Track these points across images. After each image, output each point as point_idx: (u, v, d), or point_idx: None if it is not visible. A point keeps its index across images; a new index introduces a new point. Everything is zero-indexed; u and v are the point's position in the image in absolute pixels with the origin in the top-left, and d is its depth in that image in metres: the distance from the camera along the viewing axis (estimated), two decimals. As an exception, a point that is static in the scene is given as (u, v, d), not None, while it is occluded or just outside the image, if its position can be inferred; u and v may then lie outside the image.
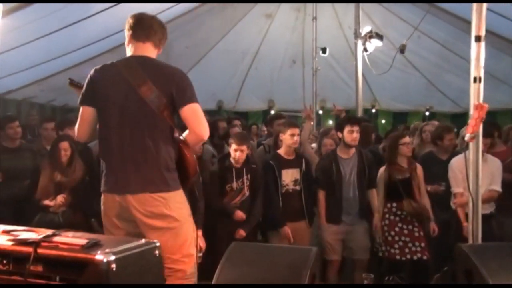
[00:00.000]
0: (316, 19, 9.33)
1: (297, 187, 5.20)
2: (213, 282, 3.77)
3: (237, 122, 7.11)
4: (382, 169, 5.32)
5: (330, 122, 11.08)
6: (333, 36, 10.13)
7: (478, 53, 4.43)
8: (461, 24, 9.18)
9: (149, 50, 3.13)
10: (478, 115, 4.37)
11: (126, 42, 3.17)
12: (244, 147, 5.06)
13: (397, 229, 5.18)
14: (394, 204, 5.23)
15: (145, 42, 3.11)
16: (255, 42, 10.46)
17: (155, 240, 2.38)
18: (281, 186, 5.15)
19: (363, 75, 10.48)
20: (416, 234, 5.18)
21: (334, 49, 9.78)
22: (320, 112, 11.34)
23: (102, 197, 3.09)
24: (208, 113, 10.27)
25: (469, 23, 4.35)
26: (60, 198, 4.96)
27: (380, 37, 7.20)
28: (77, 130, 3.15)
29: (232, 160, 5.08)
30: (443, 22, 9.25)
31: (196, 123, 3.00)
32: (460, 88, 10.90)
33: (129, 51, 3.14)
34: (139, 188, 2.96)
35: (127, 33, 3.14)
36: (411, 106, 11.57)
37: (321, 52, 9.26)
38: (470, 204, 4.54)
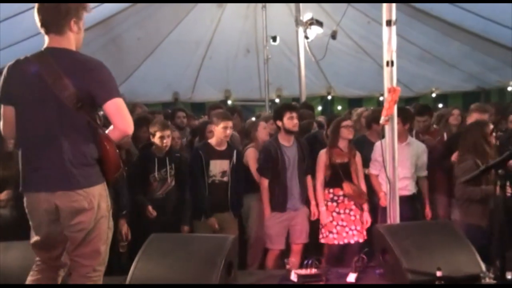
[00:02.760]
0: (265, 7, 9.39)
1: (225, 179, 5.22)
2: (129, 274, 3.83)
3: (180, 113, 7.13)
4: (322, 152, 5.37)
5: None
6: (285, 24, 10.17)
7: (389, 37, 4.54)
8: (409, 10, 9.34)
9: (65, 38, 2.93)
10: (391, 98, 4.47)
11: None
12: (168, 132, 5.09)
13: (334, 214, 5.28)
14: (331, 190, 5.32)
15: (49, 34, 2.92)
16: (208, 32, 10.45)
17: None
18: (208, 177, 5.18)
19: (317, 62, 10.68)
20: (353, 218, 5.29)
21: (286, 37, 9.82)
22: (277, 100, 11.43)
23: (25, 198, 3.02)
24: (164, 105, 10.42)
25: (416, 9, 4.44)
26: (3, 195, 4.94)
27: (320, 24, 7.27)
28: (2, 129, 3.08)
29: (154, 149, 5.12)
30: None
31: (118, 119, 2.91)
32: (412, 73, 11.13)
33: (45, 41, 2.97)
34: (58, 185, 2.90)
35: (38, 23, 2.95)
36: (366, 92, 11.72)
37: (271, 40, 9.31)
38: (388, 186, 4.67)
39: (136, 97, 10.93)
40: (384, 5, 4.46)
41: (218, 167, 5.20)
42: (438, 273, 3.70)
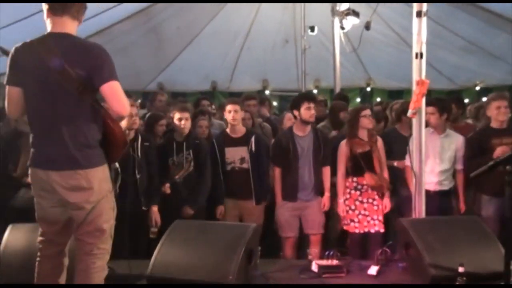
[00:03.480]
0: (304, -3, 9.31)
1: (244, 165, 5.26)
2: (152, 259, 3.93)
3: (204, 102, 7.16)
4: (342, 143, 5.34)
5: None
6: (324, 14, 10.06)
7: (419, 29, 4.45)
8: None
9: (68, 24, 3.10)
10: (419, 91, 4.40)
11: (44, 17, 3.16)
12: (187, 115, 5.15)
13: (357, 203, 5.29)
14: (355, 179, 5.31)
15: (62, 16, 3.09)
16: (246, 22, 10.39)
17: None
18: (225, 164, 5.22)
19: (356, 54, 10.54)
20: (375, 208, 5.28)
21: (325, 28, 9.72)
22: (315, 91, 11.35)
23: (29, 171, 3.22)
24: (202, 94, 10.50)
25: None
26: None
27: (356, 14, 7.17)
28: (7, 108, 3.23)
29: (175, 133, 5.18)
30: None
31: (114, 101, 3.03)
32: (455, 65, 10.87)
33: (47, 27, 3.15)
34: (60, 165, 3.06)
35: (44, 7, 3.14)
36: (406, 84, 11.36)
37: (309, 31, 9.23)
38: (414, 180, 4.60)
39: (175, 86, 11.17)
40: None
41: (235, 154, 5.24)
42: (461, 269, 3.66)
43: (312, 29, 9.20)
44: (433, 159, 5.12)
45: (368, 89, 11.69)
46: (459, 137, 5.34)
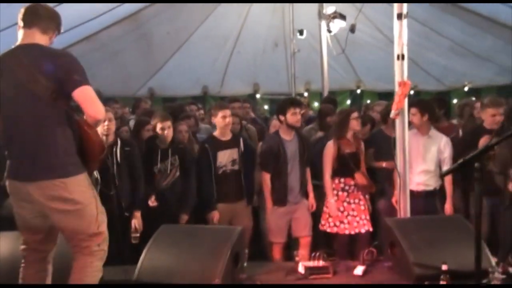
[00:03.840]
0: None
1: (236, 167, 5.31)
2: (138, 265, 3.94)
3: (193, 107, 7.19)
4: (330, 144, 5.37)
5: (316, 104, 11.16)
6: (313, 17, 10.12)
7: (400, 31, 4.51)
8: (440, 4, 9.17)
9: (36, 36, 3.14)
10: (401, 92, 4.45)
11: (17, 29, 3.22)
12: (169, 123, 5.18)
13: (345, 204, 5.31)
14: (342, 179, 5.34)
15: (31, 28, 3.14)
16: (236, 26, 10.45)
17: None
18: (217, 168, 5.25)
19: (346, 56, 10.59)
20: (362, 207, 5.32)
21: (314, 31, 9.77)
22: (305, 94, 11.41)
23: (7, 183, 3.21)
24: (193, 99, 10.53)
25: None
26: None
27: (343, 17, 7.22)
28: None
29: (158, 141, 5.21)
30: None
31: (88, 105, 3.03)
32: (444, 66, 10.95)
33: (18, 39, 3.19)
34: (38, 176, 3.05)
35: (18, 23, 3.20)
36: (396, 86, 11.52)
37: (298, 34, 9.28)
38: (398, 180, 4.65)
39: (166, 91, 11.21)
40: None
41: (227, 157, 5.28)
42: (444, 267, 3.68)
43: (301, 32, 9.25)
44: (416, 160, 5.16)
45: (358, 91, 11.74)
46: (443, 137, 5.36)
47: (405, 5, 4.44)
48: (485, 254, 4.02)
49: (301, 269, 4.24)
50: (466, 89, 11.38)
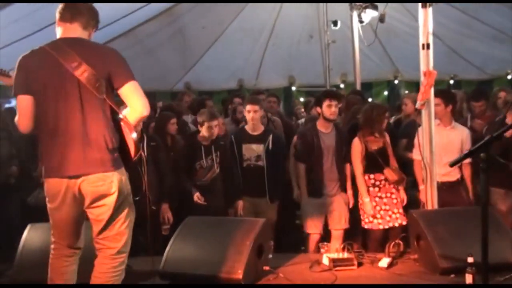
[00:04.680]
0: (327, -10, 9.26)
1: (260, 163, 5.31)
2: (164, 255, 4.04)
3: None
4: (356, 141, 5.30)
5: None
6: (347, 8, 10.01)
7: (425, 19, 4.42)
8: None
9: (77, 31, 3.09)
10: (427, 82, 4.38)
11: (56, 26, 3.15)
12: (216, 122, 5.25)
13: (377, 199, 5.25)
14: (372, 176, 5.29)
15: (72, 23, 3.08)
16: (270, 19, 10.41)
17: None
18: (243, 161, 5.29)
19: (383, 46, 10.43)
20: (394, 201, 5.25)
21: (349, 22, 9.64)
22: (342, 86, 11.29)
23: (45, 183, 3.09)
24: (229, 92, 10.60)
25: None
26: None
27: (375, 7, 7.10)
28: (20, 122, 3.07)
29: (200, 137, 5.27)
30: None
31: (135, 100, 3.00)
32: (486, 55, 10.63)
33: (58, 34, 3.13)
34: (82, 170, 2.97)
35: (56, 17, 3.14)
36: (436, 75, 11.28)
37: (332, 25, 9.19)
38: (424, 172, 4.58)
39: (202, 85, 11.27)
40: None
41: (252, 151, 5.30)
42: (470, 259, 3.62)
43: (335, 23, 9.14)
44: (439, 151, 5.08)
45: (396, 81, 11.53)
46: (465, 129, 5.31)
47: (430, -7, 4.34)
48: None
49: (325, 260, 4.24)
50: (509, 77, 11.02)
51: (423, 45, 4.41)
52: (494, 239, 3.92)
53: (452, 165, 2.59)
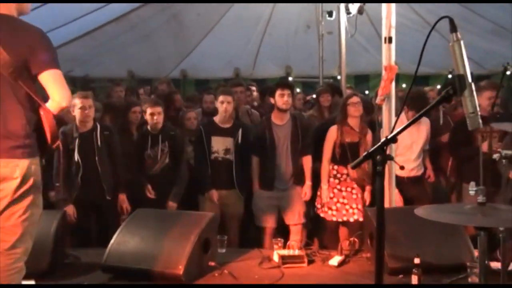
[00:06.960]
0: (322, -20, 9.10)
1: (228, 157, 5.21)
2: (108, 246, 3.96)
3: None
4: (333, 128, 5.24)
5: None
6: (345, -1, 9.84)
7: (389, 13, 4.29)
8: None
9: (1, 6, 2.78)
10: (388, 77, 4.26)
11: None
12: (159, 109, 5.16)
13: (335, 191, 5.19)
14: (336, 167, 5.21)
15: None
16: (267, 7, 10.28)
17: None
18: (210, 153, 5.19)
19: (380, 38, 10.22)
20: (354, 196, 5.18)
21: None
22: (339, 77, 11.13)
23: None
24: (225, 81, 10.51)
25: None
26: None
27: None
28: None
29: (149, 127, 5.22)
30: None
31: (53, 90, 2.80)
32: (484, 49, 10.39)
33: None
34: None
35: None
36: (433, 69, 11.07)
37: (327, 16, 9.03)
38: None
39: (198, 73, 11.21)
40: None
41: (221, 144, 5.19)
42: (416, 260, 3.55)
43: (330, 14, 9.00)
44: (407, 147, 5.02)
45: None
46: (427, 121, 5.45)
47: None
48: (468, 248, 3.87)
49: (275, 257, 4.16)
50: (508, 72, 10.76)
51: (385, 38, 4.31)
52: (448, 240, 3.88)
53: (353, 167, 2.47)
